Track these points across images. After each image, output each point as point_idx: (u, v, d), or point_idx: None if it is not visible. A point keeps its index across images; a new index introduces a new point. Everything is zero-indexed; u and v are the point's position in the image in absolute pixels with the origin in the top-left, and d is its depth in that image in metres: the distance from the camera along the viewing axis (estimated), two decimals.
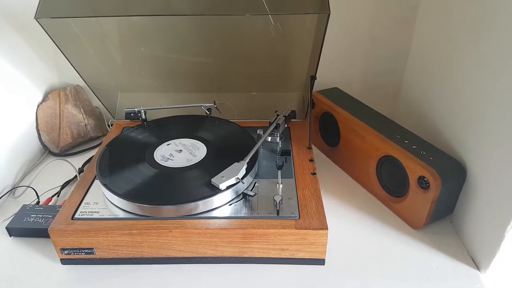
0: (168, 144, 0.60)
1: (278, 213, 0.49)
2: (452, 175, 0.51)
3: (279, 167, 0.57)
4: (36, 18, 0.51)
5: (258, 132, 0.63)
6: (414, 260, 0.51)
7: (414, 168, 0.52)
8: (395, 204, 0.58)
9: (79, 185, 0.55)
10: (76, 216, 0.50)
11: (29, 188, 0.64)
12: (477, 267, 0.49)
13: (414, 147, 0.54)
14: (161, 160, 0.57)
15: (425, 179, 0.51)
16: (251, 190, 0.52)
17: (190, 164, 0.56)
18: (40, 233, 0.53)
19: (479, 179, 0.50)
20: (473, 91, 0.52)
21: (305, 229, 0.47)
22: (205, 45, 0.69)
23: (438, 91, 0.62)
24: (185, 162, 0.56)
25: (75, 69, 0.62)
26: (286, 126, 0.66)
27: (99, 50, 0.68)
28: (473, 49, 0.52)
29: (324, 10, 0.49)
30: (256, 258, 0.49)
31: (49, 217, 0.55)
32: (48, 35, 0.54)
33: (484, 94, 0.49)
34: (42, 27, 0.53)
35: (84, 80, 0.65)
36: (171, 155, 0.58)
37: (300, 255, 0.49)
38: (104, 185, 0.51)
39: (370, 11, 0.71)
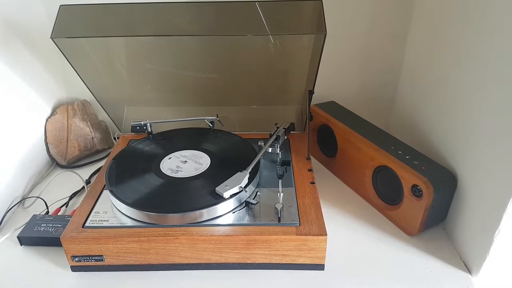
0: (173, 156, 0.63)
1: (279, 220, 0.51)
2: (443, 184, 0.53)
3: (280, 177, 0.60)
4: (52, 37, 0.54)
5: (259, 143, 0.65)
6: (409, 265, 0.53)
7: (407, 177, 0.54)
8: (390, 211, 0.60)
9: (88, 195, 0.57)
10: (87, 224, 0.52)
11: (39, 198, 0.66)
12: (469, 271, 0.51)
13: (407, 157, 0.57)
14: (168, 171, 0.59)
15: (418, 188, 0.53)
16: (253, 199, 0.54)
17: (195, 174, 0.58)
18: (51, 241, 0.55)
19: (469, 187, 0.52)
20: (461, 105, 0.55)
21: (306, 235, 0.49)
22: (209, 62, 0.72)
23: (429, 104, 0.65)
24: (190, 172, 0.58)
25: (85, 85, 0.65)
26: (285, 137, 0.69)
27: (107, 66, 0.71)
28: (461, 64, 0.55)
29: (321, 30, 0.52)
30: (258, 264, 0.51)
31: (59, 226, 0.57)
32: (62, 53, 0.57)
33: (471, 107, 0.52)
34: (57, 45, 0.56)
35: (93, 95, 0.67)
36: (177, 166, 0.60)
37: (300, 260, 0.51)
38: (114, 194, 0.54)
39: (364, 29, 0.74)
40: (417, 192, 0.53)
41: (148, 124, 0.70)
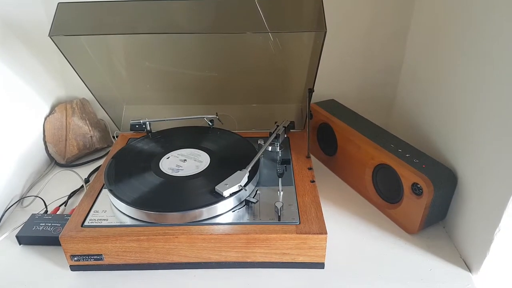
0: (172, 155, 0.62)
1: (279, 219, 0.51)
2: (444, 182, 0.53)
3: (280, 175, 0.60)
4: (50, 35, 0.54)
5: (259, 142, 0.65)
6: (409, 263, 0.53)
7: (407, 175, 0.54)
8: (390, 210, 0.60)
9: (87, 194, 0.57)
10: (86, 223, 0.51)
11: (37, 198, 0.66)
12: (469, 269, 0.51)
13: (407, 155, 0.57)
14: (167, 169, 0.59)
15: (419, 186, 0.53)
16: (253, 197, 0.54)
17: (194, 173, 0.58)
18: (49, 241, 0.55)
19: (469, 185, 0.52)
20: (461, 103, 0.54)
21: (306, 233, 0.49)
22: (208, 60, 0.71)
23: (429, 103, 0.65)
24: (190, 171, 0.58)
25: (84, 83, 0.64)
26: (285, 136, 0.69)
27: (106, 65, 0.71)
28: (461, 63, 0.55)
29: (321, 28, 0.52)
30: (258, 262, 0.51)
31: (58, 226, 0.56)
32: (60, 51, 0.57)
33: (472, 105, 0.52)
34: (55, 43, 0.55)
35: (92, 93, 0.67)
36: (176, 165, 0.60)
37: (300, 259, 0.51)
38: (113, 193, 0.53)
39: (364, 27, 0.74)
40: (417, 190, 0.53)
41: (147, 122, 0.70)
